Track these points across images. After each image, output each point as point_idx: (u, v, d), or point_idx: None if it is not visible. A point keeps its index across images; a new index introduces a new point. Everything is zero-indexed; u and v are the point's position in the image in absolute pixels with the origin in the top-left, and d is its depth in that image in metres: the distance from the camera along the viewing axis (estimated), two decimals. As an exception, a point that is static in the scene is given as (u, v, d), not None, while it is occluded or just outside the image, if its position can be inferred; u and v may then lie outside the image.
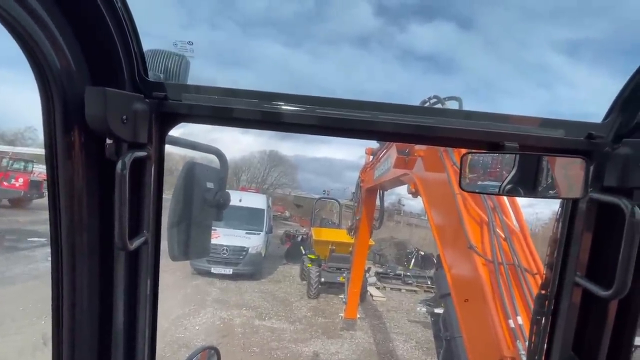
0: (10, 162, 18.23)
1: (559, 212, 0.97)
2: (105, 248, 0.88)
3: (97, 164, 0.83)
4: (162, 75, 1.15)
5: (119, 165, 0.79)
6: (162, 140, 0.97)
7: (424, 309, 9.30)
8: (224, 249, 10.89)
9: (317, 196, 20.01)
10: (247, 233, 11.83)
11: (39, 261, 9.84)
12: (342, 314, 8.07)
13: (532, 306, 1.97)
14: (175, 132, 1.02)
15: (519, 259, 2.14)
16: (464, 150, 3.02)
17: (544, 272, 1.04)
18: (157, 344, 1.06)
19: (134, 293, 0.96)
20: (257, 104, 0.94)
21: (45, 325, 6.49)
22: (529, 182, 0.88)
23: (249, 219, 12.40)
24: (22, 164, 18.48)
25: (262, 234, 12.51)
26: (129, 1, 0.82)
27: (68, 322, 0.87)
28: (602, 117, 0.91)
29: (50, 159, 0.80)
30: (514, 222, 2.45)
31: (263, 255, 12.39)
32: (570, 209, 0.93)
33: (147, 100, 0.90)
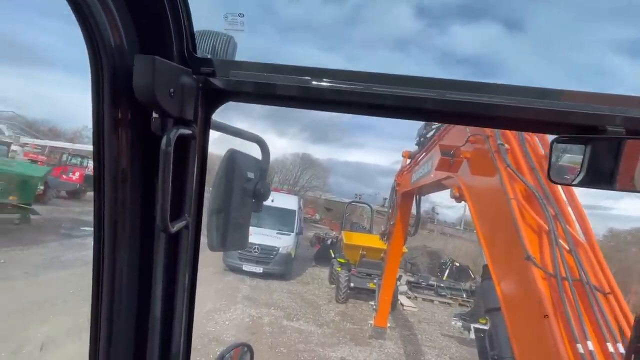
0: (69, 157, 20.03)
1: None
2: (147, 228, 0.84)
3: (142, 140, 0.79)
4: (209, 56, 1.12)
5: (163, 141, 0.74)
6: (207, 119, 0.92)
7: (459, 324, 8.76)
8: (255, 248, 11.06)
9: (348, 200, 19.83)
10: (278, 233, 11.94)
11: (89, 249, 10.57)
12: (371, 322, 7.82)
13: (606, 330, 1.71)
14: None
15: (587, 275, 1.87)
16: (517, 151, 2.71)
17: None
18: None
19: (173, 277, 0.92)
20: (308, 81, 0.86)
21: (90, 308, 6.95)
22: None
23: (281, 219, 12.51)
24: (79, 159, 20.21)
25: (293, 234, 12.56)
26: None
27: (106, 304, 0.83)
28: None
29: (97, 134, 0.77)
30: (580, 232, 2.17)
31: (293, 256, 12.43)
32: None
33: (194, 75, 0.86)
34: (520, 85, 0.83)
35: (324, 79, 0.85)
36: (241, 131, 1.38)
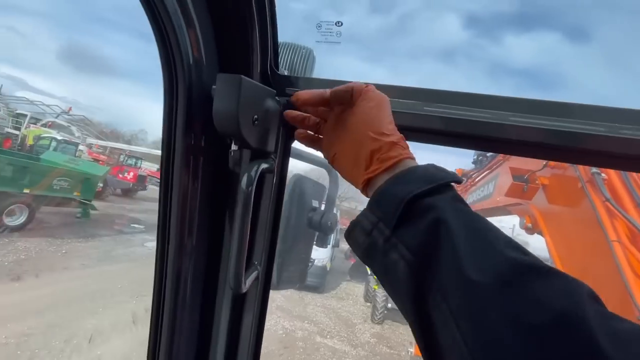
0: (126, 158, 21.79)
1: None
2: (212, 283, 0.69)
3: (216, 176, 0.65)
4: (286, 72, 0.98)
5: (244, 180, 0.58)
6: (287, 149, 0.76)
7: None
8: (291, 258, 10.99)
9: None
10: (316, 245, 11.78)
11: (137, 245, 11.25)
12: (411, 350, 7.30)
13: None
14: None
15: None
16: (616, 181, 2.23)
17: None
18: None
19: (237, 332, 0.76)
20: (418, 106, 0.67)
21: (135, 305, 7.26)
22: None
23: (318, 230, 12.36)
24: (134, 160, 21.89)
25: (329, 247, 12.34)
26: None
27: None
28: None
29: (167, 163, 0.64)
30: None
31: (328, 269, 12.18)
32: None
33: (278, 97, 0.71)
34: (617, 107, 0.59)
35: (442, 104, 0.66)
36: (308, 155, 1.22)
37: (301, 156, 1.02)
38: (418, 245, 0.41)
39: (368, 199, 0.50)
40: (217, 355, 0.73)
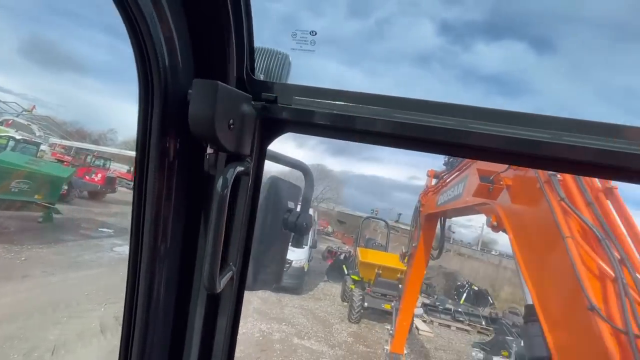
0: (93, 159, 20.69)
1: None
2: (186, 283, 0.70)
3: (192, 179, 0.66)
4: (262, 77, 1.00)
5: (219, 183, 0.60)
6: (263, 152, 0.78)
7: (479, 355, 8.25)
8: (268, 259, 10.89)
9: (361, 214, 19.43)
10: (291, 245, 11.74)
11: (105, 251, 10.72)
12: (387, 347, 7.45)
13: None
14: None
15: (666, 335, 1.62)
16: (570, 182, 2.42)
17: None
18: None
19: (211, 334, 0.77)
20: (389, 112, 0.71)
21: (104, 312, 6.92)
22: None
23: (295, 231, 12.34)
24: (102, 161, 20.84)
25: (307, 248, 12.36)
26: None
27: None
28: None
29: (141, 166, 0.65)
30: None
31: (305, 270, 12.19)
32: None
33: (253, 102, 0.73)
34: (585, 119, 0.68)
35: (415, 111, 0.71)
36: (284, 157, 1.24)
37: (277, 158, 1.04)
38: None
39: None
40: (190, 356, 0.74)
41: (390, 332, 7.40)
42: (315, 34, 0.71)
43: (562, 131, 0.66)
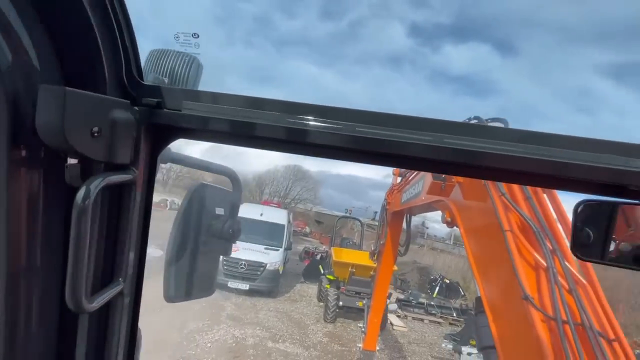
0: None
1: None
2: (60, 305, 0.65)
3: (55, 191, 0.62)
4: (166, 80, 0.96)
5: (80, 194, 0.56)
6: (153, 160, 0.75)
7: (449, 346, 8.54)
8: (242, 264, 10.70)
9: (338, 213, 19.55)
10: (266, 248, 11.61)
11: None
12: (360, 344, 7.53)
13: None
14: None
15: (589, 319, 1.73)
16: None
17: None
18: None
19: (100, 354, 0.72)
20: (282, 118, 0.70)
21: None
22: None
23: (269, 234, 12.21)
24: None
25: (281, 250, 12.25)
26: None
27: None
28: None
29: None
30: (579, 271, 2.04)
31: (281, 272, 12.09)
32: None
33: (135, 107, 0.69)
34: (530, 130, 0.70)
35: (307, 117, 0.70)
36: (208, 164, 1.21)
37: (184, 162, 1.01)
38: None
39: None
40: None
41: (363, 329, 7.49)
42: (198, 36, 0.69)
43: (499, 140, 0.66)
